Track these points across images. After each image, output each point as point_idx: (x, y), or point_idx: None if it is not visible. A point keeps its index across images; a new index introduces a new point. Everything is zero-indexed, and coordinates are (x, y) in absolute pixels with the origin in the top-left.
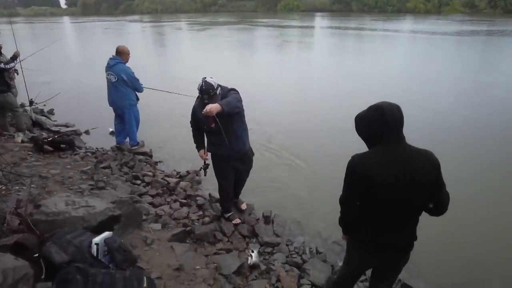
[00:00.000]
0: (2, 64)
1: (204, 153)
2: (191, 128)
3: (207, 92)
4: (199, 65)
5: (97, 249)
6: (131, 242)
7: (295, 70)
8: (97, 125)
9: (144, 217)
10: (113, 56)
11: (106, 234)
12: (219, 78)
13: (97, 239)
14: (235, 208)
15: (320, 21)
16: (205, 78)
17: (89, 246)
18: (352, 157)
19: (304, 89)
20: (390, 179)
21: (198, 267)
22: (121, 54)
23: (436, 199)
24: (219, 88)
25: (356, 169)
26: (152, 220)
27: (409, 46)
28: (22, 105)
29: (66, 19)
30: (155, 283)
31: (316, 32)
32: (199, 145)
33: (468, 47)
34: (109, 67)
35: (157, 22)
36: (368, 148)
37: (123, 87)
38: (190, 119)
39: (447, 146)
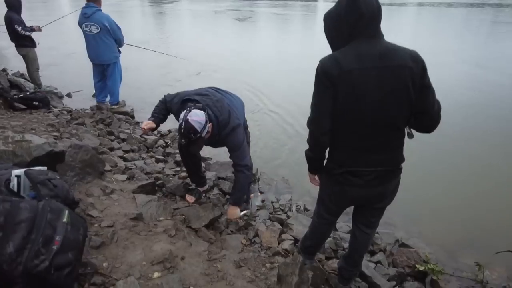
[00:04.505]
0: (20, 28)
1: (152, 128)
2: (160, 102)
3: (186, 136)
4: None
5: (18, 183)
6: (86, 191)
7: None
8: (81, 88)
9: (109, 167)
10: (87, 4)
11: (36, 168)
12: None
13: (18, 171)
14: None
15: None
16: (189, 116)
17: (8, 179)
18: (319, 61)
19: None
20: (366, 76)
21: (162, 218)
22: (96, 1)
23: (420, 103)
24: (207, 128)
25: (327, 69)
26: (118, 172)
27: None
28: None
29: None
30: (85, 221)
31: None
32: (156, 119)
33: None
34: (87, 17)
35: None
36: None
37: (106, 38)
38: (165, 94)
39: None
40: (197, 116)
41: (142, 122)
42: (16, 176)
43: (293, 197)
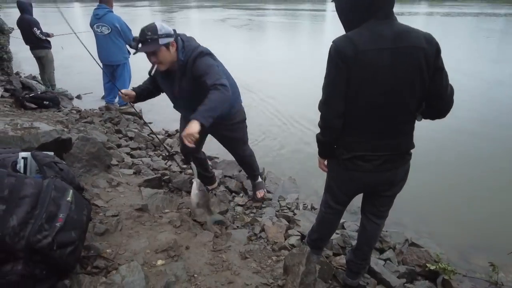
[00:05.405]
0: (38, 31)
1: (130, 96)
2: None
3: (143, 34)
4: None
5: (25, 165)
6: (93, 182)
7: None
8: (91, 91)
9: (116, 162)
10: (99, 5)
11: (43, 152)
12: None
13: (25, 153)
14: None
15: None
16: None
17: (15, 161)
18: (333, 41)
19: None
20: (380, 56)
21: (167, 210)
22: (108, 2)
23: (433, 86)
24: (169, 40)
25: (341, 49)
26: (125, 166)
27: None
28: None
29: (76, 4)
30: (90, 203)
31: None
32: (137, 88)
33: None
34: (99, 18)
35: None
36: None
37: (117, 39)
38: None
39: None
40: (164, 25)
41: (151, 122)
42: (23, 158)
43: (300, 197)
